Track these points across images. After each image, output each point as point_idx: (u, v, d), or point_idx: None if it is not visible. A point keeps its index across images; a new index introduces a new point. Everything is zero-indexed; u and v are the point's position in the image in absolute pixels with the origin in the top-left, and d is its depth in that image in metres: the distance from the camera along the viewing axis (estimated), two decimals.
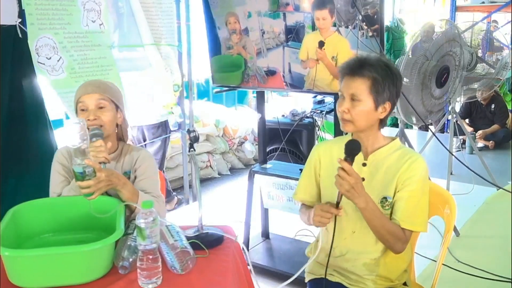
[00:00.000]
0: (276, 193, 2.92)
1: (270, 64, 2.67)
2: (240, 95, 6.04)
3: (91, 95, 1.71)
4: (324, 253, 1.74)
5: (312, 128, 4.02)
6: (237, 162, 5.27)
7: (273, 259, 2.97)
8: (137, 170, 1.79)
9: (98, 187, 1.52)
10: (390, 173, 1.62)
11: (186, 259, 1.44)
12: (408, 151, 1.67)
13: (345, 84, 1.58)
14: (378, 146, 1.65)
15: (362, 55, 1.63)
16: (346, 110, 1.57)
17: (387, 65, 1.59)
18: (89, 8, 2.87)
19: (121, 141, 1.86)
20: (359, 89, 1.55)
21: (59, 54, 2.73)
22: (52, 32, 2.69)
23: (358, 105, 1.56)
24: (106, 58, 2.99)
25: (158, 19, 3.47)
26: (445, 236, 1.75)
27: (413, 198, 1.58)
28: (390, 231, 1.56)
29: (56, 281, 1.36)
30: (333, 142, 1.84)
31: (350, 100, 1.57)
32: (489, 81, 3.86)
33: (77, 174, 1.49)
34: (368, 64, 1.56)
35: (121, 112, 1.80)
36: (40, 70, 2.63)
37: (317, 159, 1.76)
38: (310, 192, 1.79)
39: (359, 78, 1.55)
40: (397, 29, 7.50)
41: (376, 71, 1.55)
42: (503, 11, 5.89)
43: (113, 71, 3.03)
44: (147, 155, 1.85)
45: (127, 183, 1.65)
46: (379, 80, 1.55)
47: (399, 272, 1.71)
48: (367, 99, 1.55)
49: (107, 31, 2.99)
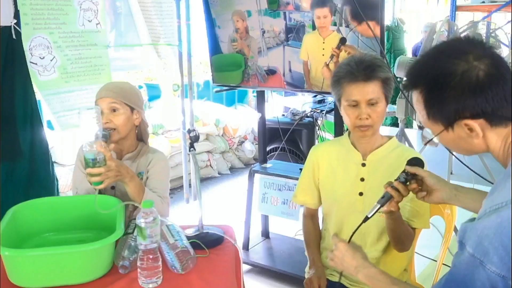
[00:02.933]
0: (271, 195, 2.90)
1: (271, 63, 2.67)
2: (240, 95, 6.04)
3: (104, 99, 1.74)
4: (325, 254, 1.75)
5: (312, 127, 4.01)
6: (237, 161, 5.26)
7: (273, 259, 2.96)
8: (149, 171, 1.81)
9: (108, 176, 1.53)
10: (390, 173, 1.61)
11: (187, 258, 1.44)
12: (407, 150, 1.67)
13: (358, 91, 1.54)
14: (377, 145, 1.65)
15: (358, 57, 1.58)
16: (367, 117, 1.55)
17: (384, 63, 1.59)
18: (86, 8, 2.88)
19: (141, 142, 1.88)
20: (375, 92, 1.54)
21: (53, 54, 2.73)
22: (47, 32, 2.69)
23: (377, 108, 1.55)
24: (101, 58, 3.00)
25: (157, 19, 3.47)
26: (446, 236, 1.75)
27: None
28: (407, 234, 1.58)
29: (56, 281, 1.36)
30: (331, 143, 1.83)
31: (367, 105, 1.55)
32: None
33: (88, 160, 1.51)
34: (377, 66, 1.54)
35: (139, 113, 1.81)
36: (31, 71, 2.62)
37: (315, 161, 1.76)
38: (311, 194, 1.79)
39: (373, 81, 1.53)
40: (397, 28, 7.49)
41: (384, 72, 1.55)
42: (503, 11, 5.88)
43: (105, 71, 3.03)
44: (162, 157, 1.87)
45: (134, 177, 1.66)
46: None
47: (399, 271, 1.71)
48: (382, 100, 1.56)
49: (103, 31, 2.99)
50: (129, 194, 1.65)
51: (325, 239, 1.79)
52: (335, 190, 1.70)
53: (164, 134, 4.51)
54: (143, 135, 1.89)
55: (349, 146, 1.68)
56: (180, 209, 4.06)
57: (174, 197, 4.37)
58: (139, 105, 1.83)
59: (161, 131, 4.50)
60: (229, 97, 5.88)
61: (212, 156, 4.91)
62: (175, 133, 4.48)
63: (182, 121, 4.05)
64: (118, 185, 1.78)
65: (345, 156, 1.68)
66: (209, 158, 4.86)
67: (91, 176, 1.52)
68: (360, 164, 1.65)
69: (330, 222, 1.75)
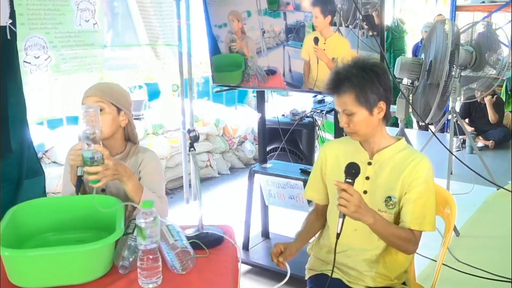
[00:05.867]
0: (277, 191, 2.92)
1: (271, 63, 2.67)
2: (240, 95, 6.04)
3: (90, 97, 1.73)
4: (325, 250, 1.76)
5: (312, 127, 4.02)
6: (237, 161, 5.26)
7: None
8: (141, 171, 1.80)
9: (105, 174, 1.53)
10: (395, 173, 1.63)
11: (186, 259, 1.44)
12: (413, 152, 1.68)
13: (335, 102, 1.63)
14: (383, 145, 1.67)
15: (338, 67, 1.63)
16: (345, 125, 1.62)
17: (363, 69, 1.58)
18: (83, 8, 2.89)
19: (129, 142, 1.86)
20: (347, 104, 1.58)
21: (48, 53, 2.74)
22: (43, 32, 2.71)
23: (353, 117, 1.59)
24: (96, 57, 3.01)
25: (156, 19, 3.48)
26: (445, 236, 1.75)
27: (420, 200, 1.59)
28: (400, 236, 1.57)
29: (56, 281, 1.36)
30: (340, 141, 1.86)
31: (345, 114, 1.60)
32: (487, 80, 3.86)
33: (86, 159, 1.50)
34: (344, 79, 1.57)
35: (126, 115, 1.79)
36: (22, 70, 2.62)
37: (323, 158, 1.79)
38: (317, 190, 1.82)
39: (342, 94, 1.58)
40: (397, 28, 7.49)
41: (352, 84, 1.56)
42: (503, 11, 5.89)
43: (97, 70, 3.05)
44: (153, 156, 1.85)
45: (132, 176, 1.65)
46: (359, 91, 1.56)
47: (398, 271, 1.71)
48: (358, 109, 1.58)
49: (100, 30, 3.00)
50: (128, 193, 1.64)
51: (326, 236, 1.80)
52: None
53: (164, 134, 4.51)
54: (130, 137, 1.86)
55: (357, 145, 1.71)
56: (180, 209, 4.06)
57: (174, 197, 4.37)
58: (127, 106, 1.81)
59: (161, 131, 4.50)
60: (229, 97, 5.88)
61: (212, 156, 4.91)
62: (175, 133, 4.47)
63: (182, 121, 4.05)
64: (109, 187, 1.78)
65: (353, 154, 1.71)
66: (209, 158, 4.86)
67: (88, 175, 1.52)
68: (366, 162, 1.66)
69: (331, 218, 1.76)
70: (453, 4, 6.23)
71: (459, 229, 3.37)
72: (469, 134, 4.51)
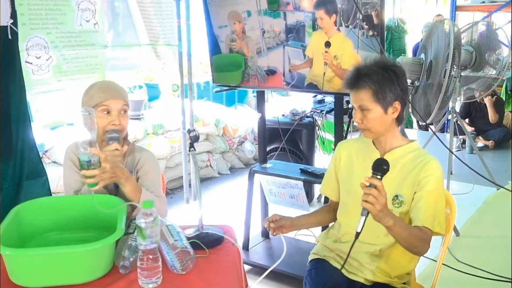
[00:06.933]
0: (278, 191, 2.93)
1: (271, 63, 2.67)
2: (240, 95, 6.03)
3: (117, 100, 1.72)
4: (332, 239, 1.81)
5: (312, 127, 4.02)
6: (237, 161, 5.26)
7: (273, 259, 2.96)
8: (139, 171, 1.80)
9: (103, 177, 1.53)
10: (404, 172, 1.65)
11: (186, 259, 1.44)
12: (424, 153, 1.70)
13: (352, 97, 1.65)
14: (395, 145, 1.70)
15: (359, 64, 1.67)
16: (359, 121, 1.64)
17: (384, 68, 1.62)
18: (83, 8, 2.89)
19: (126, 141, 1.86)
20: (363, 100, 1.61)
21: (50, 54, 2.74)
22: (45, 32, 2.71)
23: (368, 114, 1.62)
24: (97, 57, 3.01)
25: (156, 19, 3.48)
26: (445, 236, 1.75)
27: (431, 198, 1.60)
28: (417, 236, 1.55)
29: (57, 281, 1.36)
30: (355, 140, 1.89)
31: (360, 110, 1.63)
32: (487, 80, 3.86)
33: (82, 163, 1.50)
34: (364, 75, 1.60)
35: None
36: (24, 70, 2.62)
37: (337, 155, 1.83)
38: (332, 187, 1.87)
39: (361, 89, 1.61)
40: (397, 28, 7.49)
41: (372, 81, 1.59)
42: (503, 11, 5.88)
43: (100, 70, 3.05)
44: (149, 155, 1.85)
45: (130, 178, 1.65)
46: (377, 87, 1.59)
47: (400, 271, 1.71)
48: (374, 106, 1.61)
49: (101, 31, 3.00)
50: (126, 195, 1.64)
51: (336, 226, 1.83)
52: (351, 182, 1.75)
53: (164, 134, 4.51)
54: None
55: (370, 143, 1.75)
56: (180, 209, 4.06)
57: (174, 197, 4.37)
58: None
59: (161, 131, 4.50)
60: (229, 97, 5.87)
61: (212, 156, 4.91)
62: (175, 133, 4.47)
63: (182, 121, 4.05)
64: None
65: (365, 152, 1.75)
66: (209, 158, 4.86)
67: (86, 178, 1.52)
68: None
69: (341, 213, 1.80)
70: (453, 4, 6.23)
71: (459, 229, 3.37)
72: (469, 134, 4.51)
